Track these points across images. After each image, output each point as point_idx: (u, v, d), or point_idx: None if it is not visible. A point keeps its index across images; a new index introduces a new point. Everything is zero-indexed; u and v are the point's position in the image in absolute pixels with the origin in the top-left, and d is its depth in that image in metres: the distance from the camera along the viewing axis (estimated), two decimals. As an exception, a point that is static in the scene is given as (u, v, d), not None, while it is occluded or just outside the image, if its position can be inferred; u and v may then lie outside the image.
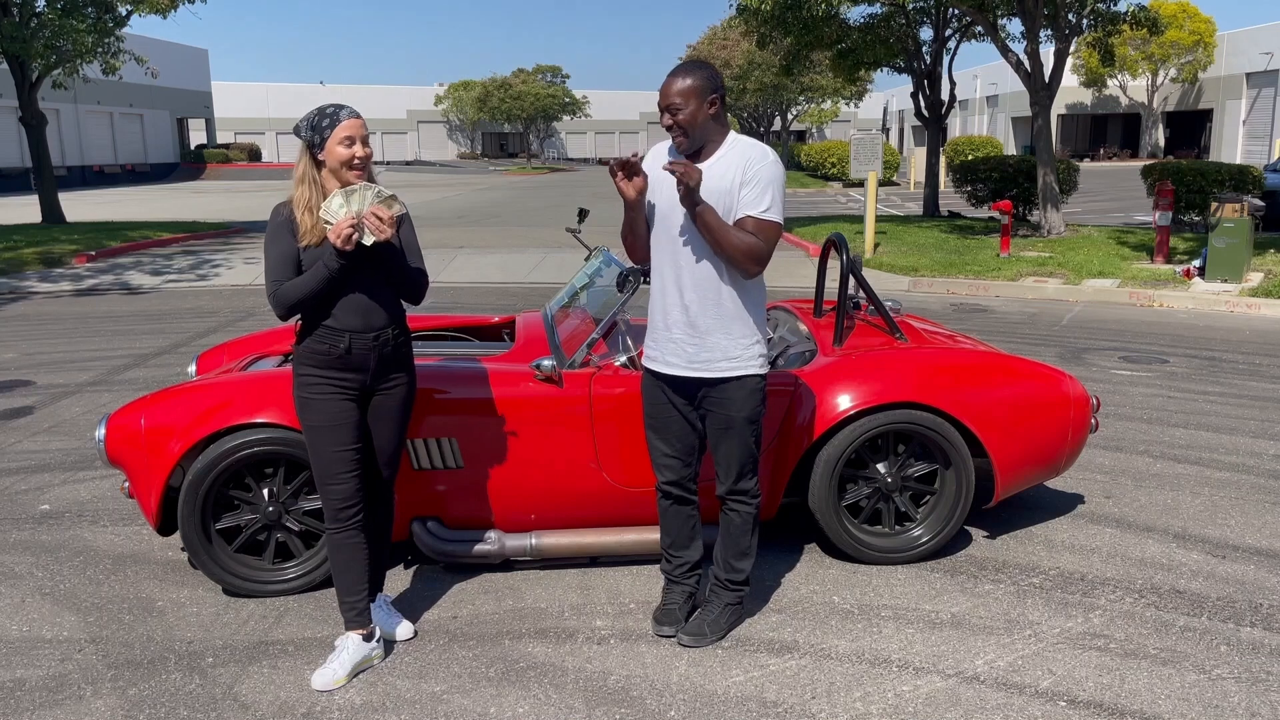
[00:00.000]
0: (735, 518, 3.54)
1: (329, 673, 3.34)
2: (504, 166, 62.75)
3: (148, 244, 17.25)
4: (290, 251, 3.27)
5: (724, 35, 52.06)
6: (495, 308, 10.67)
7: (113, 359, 8.38)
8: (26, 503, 5.04)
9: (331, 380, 3.33)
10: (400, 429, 3.52)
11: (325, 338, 3.31)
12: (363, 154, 3.26)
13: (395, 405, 3.47)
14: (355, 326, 3.31)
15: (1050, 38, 15.68)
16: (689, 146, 3.30)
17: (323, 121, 3.24)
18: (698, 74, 3.24)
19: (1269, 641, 3.58)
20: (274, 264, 3.28)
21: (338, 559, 3.41)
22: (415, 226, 3.56)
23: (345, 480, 3.36)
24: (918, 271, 12.61)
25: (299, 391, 3.37)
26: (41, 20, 17.97)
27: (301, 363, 3.36)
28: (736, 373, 3.37)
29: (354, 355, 3.32)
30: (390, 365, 3.43)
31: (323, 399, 3.33)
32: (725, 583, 3.62)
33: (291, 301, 3.25)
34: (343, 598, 3.43)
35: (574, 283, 4.83)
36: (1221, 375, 7.65)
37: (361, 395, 3.41)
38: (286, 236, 3.28)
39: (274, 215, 3.34)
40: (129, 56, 19.64)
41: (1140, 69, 48.99)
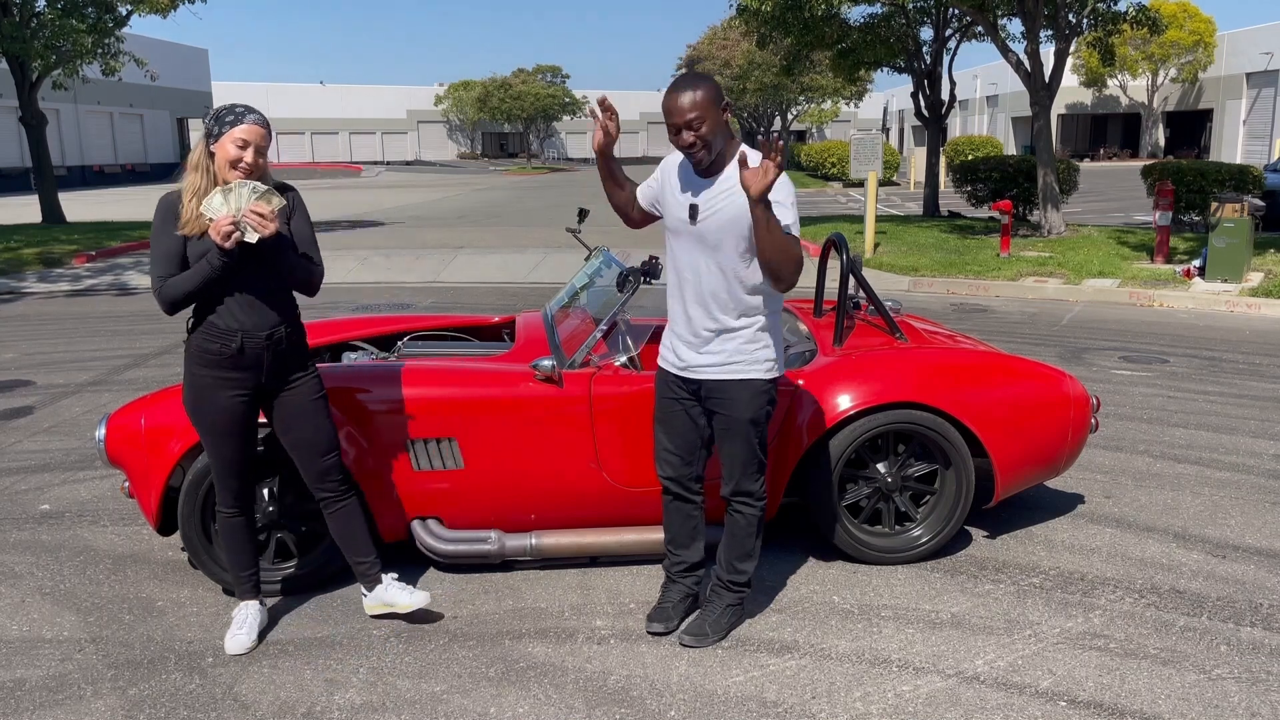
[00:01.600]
0: (740, 519, 3.54)
1: (242, 639, 3.53)
2: (504, 166, 62.77)
3: (148, 244, 17.22)
4: (175, 244, 3.26)
5: (724, 35, 52.08)
6: (495, 308, 10.67)
7: (113, 359, 8.38)
8: (26, 503, 5.04)
9: (224, 380, 3.34)
10: (323, 420, 3.52)
11: (216, 336, 3.30)
12: (250, 161, 3.24)
13: (303, 398, 3.48)
14: (246, 325, 3.31)
15: (1050, 38, 15.68)
16: (710, 158, 3.25)
17: (227, 116, 3.26)
18: (707, 85, 3.21)
19: (1269, 641, 3.59)
20: (159, 257, 3.27)
21: (230, 540, 3.57)
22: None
23: (239, 478, 3.49)
24: (918, 271, 12.60)
25: (188, 391, 3.38)
26: (41, 20, 17.98)
27: (191, 360, 3.36)
28: (740, 375, 3.38)
29: (246, 355, 3.33)
30: (288, 362, 3.43)
31: (213, 400, 3.35)
32: (728, 584, 3.63)
33: (175, 298, 3.25)
34: (236, 573, 3.62)
35: (574, 283, 4.83)
36: (1221, 375, 7.65)
37: (258, 395, 3.43)
38: (173, 227, 3.26)
39: (160, 204, 3.31)
40: (129, 57, 19.65)
41: (1140, 69, 48.98)
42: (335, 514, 3.62)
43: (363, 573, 3.70)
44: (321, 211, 25.43)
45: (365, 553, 3.68)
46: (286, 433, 3.50)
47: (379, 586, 3.70)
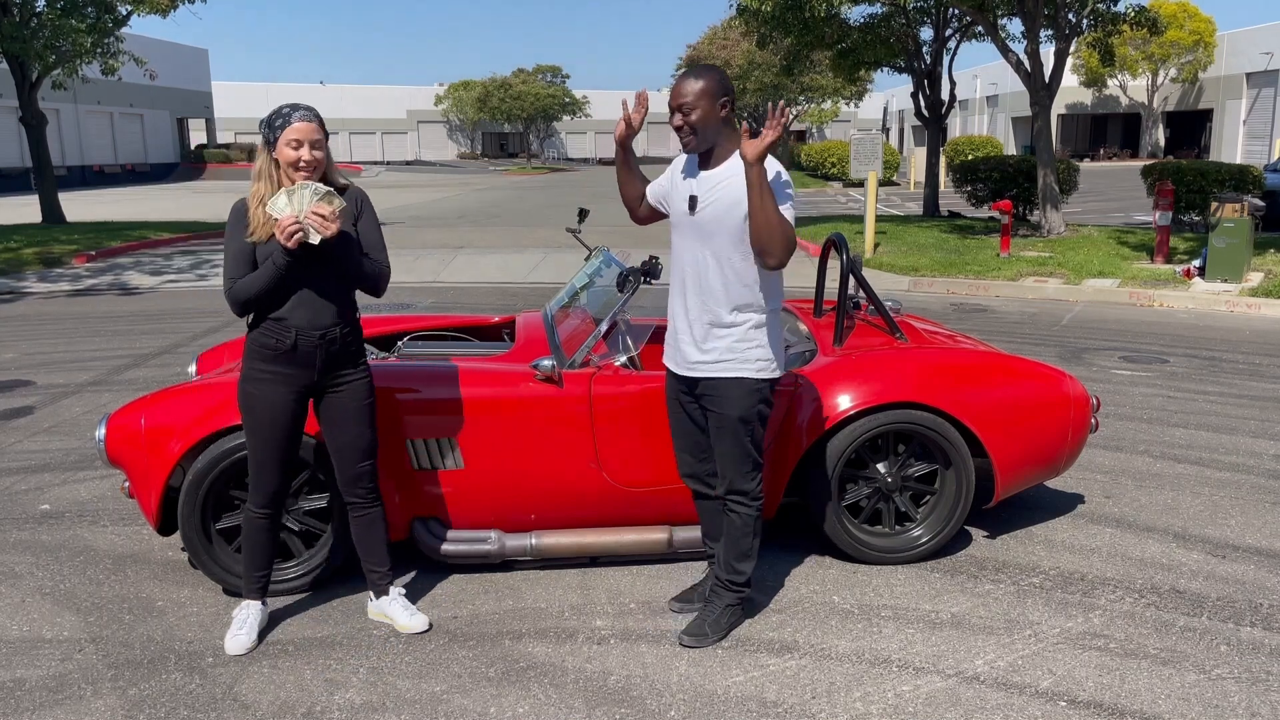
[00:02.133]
0: (735, 519, 3.55)
1: (243, 639, 3.53)
2: (504, 166, 62.76)
3: (147, 244, 17.25)
4: (245, 248, 3.35)
5: (724, 35, 52.08)
6: (495, 308, 10.67)
7: (113, 359, 8.38)
8: (26, 503, 5.04)
9: (276, 375, 3.40)
10: (365, 425, 3.55)
11: (272, 331, 3.38)
12: (309, 158, 3.30)
13: (351, 403, 3.51)
14: (301, 322, 3.37)
15: (1050, 38, 15.68)
16: (698, 147, 3.34)
17: (276, 120, 3.31)
18: (710, 76, 3.30)
19: (1269, 641, 3.58)
20: (230, 260, 3.37)
21: (253, 539, 3.56)
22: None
23: (276, 476, 3.49)
24: (918, 271, 12.60)
25: (242, 384, 3.44)
26: (41, 20, 17.98)
27: (248, 356, 3.44)
28: (732, 373, 3.40)
29: (299, 351, 3.38)
30: (339, 363, 3.47)
31: (264, 394, 3.40)
32: (726, 583, 3.64)
33: (244, 298, 3.34)
34: (249, 571, 3.61)
35: (574, 283, 4.83)
36: (1221, 375, 7.65)
37: (307, 393, 3.47)
38: (242, 232, 3.36)
39: (232, 211, 3.41)
40: (128, 57, 19.65)
41: (1140, 69, 48.98)
42: (359, 519, 3.65)
43: (374, 581, 3.74)
44: (321, 211, 25.39)
45: (380, 562, 3.72)
46: (330, 433, 3.54)
47: (385, 598, 3.74)
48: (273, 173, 3.35)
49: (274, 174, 3.35)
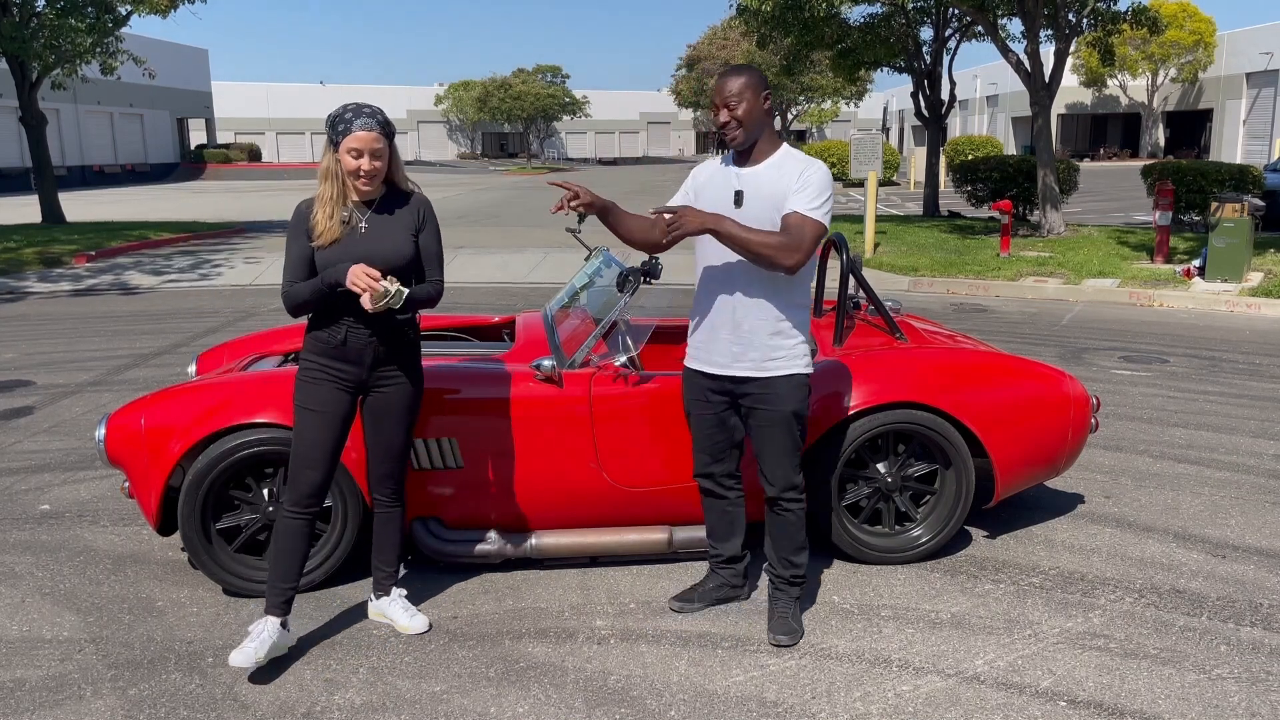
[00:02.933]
0: (790, 516, 3.58)
1: (249, 652, 3.33)
2: (504, 166, 62.76)
3: (147, 244, 17.25)
4: (304, 252, 3.35)
5: (724, 35, 52.08)
6: (495, 308, 10.67)
7: (113, 359, 8.38)
8: (26, 503, 5.04)
9: (328, 369, 3.40)
10: (403, 428, 3.55)
11: (326, 326, 3.39)
12: (368, 168, 3.28)
13: (393, 403, 3.51)
14: (354, 319, 3.37)
15: (1050, 38, 15.68)
16: (744, 140, 3.39)
17: (339, 125, 3.27)
18: (751, 72, 3.40)
19: (1269, 641, 3.59)
20: (290, 262, 3.37)
21: (283, 543, 3.43)
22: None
23: (317, 470, 3.41)
24: (918, 271, 12.60)
25: (299, 376, 3.44)
26: (41, 20, 17.98)
27: (306, 350, 3.44)
28: (783, 371, 3.44)
29: (349, 347, 3.39)
30: (388, 361, 3.47)
31: (317, 384, 3.40)
32: (790, 579, 3.67)
33: (295, 304, 3.35)
34: (274, 582, 3.43)
35: (574, 283, 4.83)
36: (1221, 375, 7.65)
37: (358, 389, 3.47)
38: (302, 236, 3.35)
39: (295, 213, 3.41)
40: (127, 56, 19.65)
41: (1140, 69, 49.00)
42: (381, 515, 3.68)
43: (379, 579, 3.74)
44: (321, 211, 25.38)
45: (389, 562, 3.73)
46: (369, 429, 3.54)
47: (386, 599, 3.73)
48: (338, 171, 3.32)
49: (339, 173, 3.32)
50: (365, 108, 3.30)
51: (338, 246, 3.31)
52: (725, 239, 3.27)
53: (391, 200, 3.43)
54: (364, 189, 3.34)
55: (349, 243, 3.32)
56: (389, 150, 3.34)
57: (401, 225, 3.41)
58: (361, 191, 3.36)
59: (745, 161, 3.45)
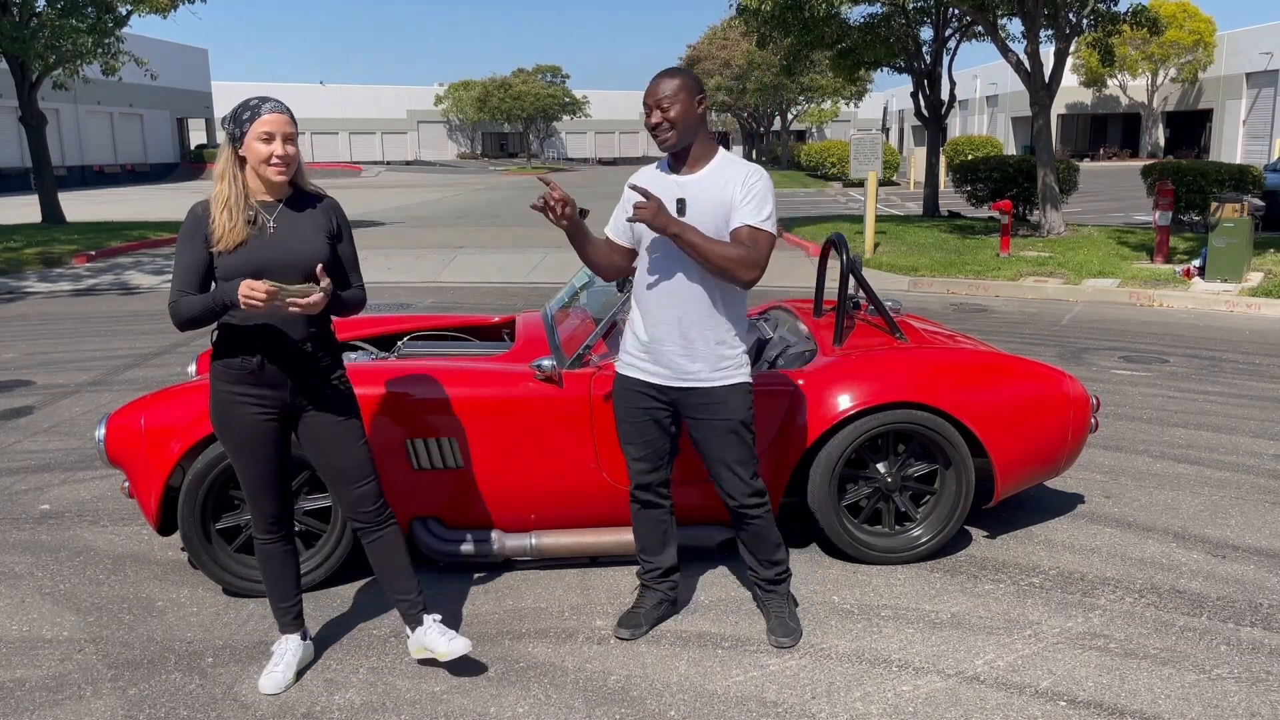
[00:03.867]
0: (758, 522, 3.50)
1: (278, 677, 3.29)
2: (504, 166, 62.77)
3: (147, 244, 17.25)
4: (198, 259, 3.03)
5: (724, 35, 52.10)
6: (495, 308, 10.67)
7: (113, 359, 8.38)
8: (26, 503, 5.04)
9: (248, 398, 3.12)
10: (352, 440, 3.24)
11: (238, 352, 3.10)
12: (282, 153, 3.01)
13: (332, 422, 3.21)
14: (268, 342, 3.08)
15: (1050, 38, 15.68)
16: (677, 144, 3.31)
17: (243, 114, 3.00)
18: (685, 75, 3.34)
19: (1269, 641, 3.59)
20: (181, 270, 3.04)
21: (269, 569, 3.33)
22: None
23: (272, 498, 3.24)
24: (918, 271, 12.60)
25: (214, 408, 3.16)
26: (41, 20, 17.98)
27: (214, 376, 3.15)
28: (730, 380, 3.36)
29: (268, 372, 3.11)
30: (315, 380, 3.18)
31: (239, 418, 3.13)
32: (776, 578, 3.63)
33: (184, 319, 3.03)
34: (276, 604, 3.36)
35: (574, 283, 4.83)
36: (1221, 375, 7.65)
37: (284, 412, 3.18)
38: (199, 241, 3.03)
39: (188, 215, 3.07)
40: (128, 57, 19.65)
41: (1140, 69, 49.00)
42: (371, 545, 3.33)
43: (404, 611, 3.38)
44: (321, 211, 25.40)
45: (406, 589, 3.36)
46: (315, 455, 3.25)
47: (420, 629, 3.37)
48: (237, 173, 3.03)
49: (239, 174, 3.03)
50: (270, 97, 3.05)
51: (244, 250, 3.00)
52: (686, 247, 3.19)
53: (299, 201, 3.16)
54: (277, 178, 3.03)
55: (258, 245, 3.03)
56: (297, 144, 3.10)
57: (314, 225, 3.14)
58: (273, 185, 3.07)
59: (683, 168, 3.35)
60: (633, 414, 3.50)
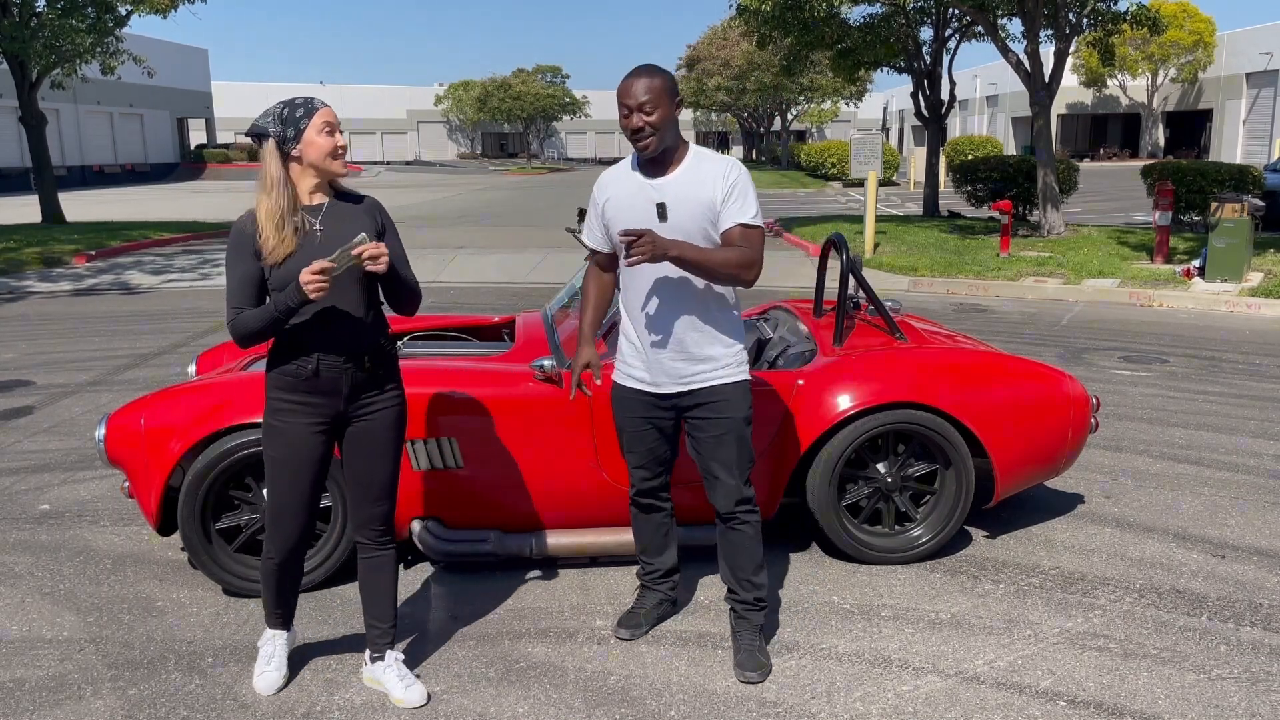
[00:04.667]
0: (746, 530, 3.39)
1: (270, 679, 3.27)
2: (504, 166, 62.77)
3: (148, 244, 17.25)
4: (252, 273, 2.96)
5: (724, 35, 52.10)
6: (495, 308, 10.67)
7: (113, 359, 8.38)
8: (26, 503, 5.04)
9: (301, 406, 3.04)
10: (389, 459, 3.17)
11: (292, 358, 3.02)
12: (343, 143, 3.01)
13: (378, 431, 3.14)
14: (324, 346, 3.00)
15: (1050, 37, 15.68)
16: (658, 148, 3.17)
17: (295, 112, 2.93)
18: (663, 75, 3.17)
19: (1269, 641, 3.59)
20: (235, 287, 2.97)
21: (269, 583, 3.25)
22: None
23: (297, 519, 3.13)
24: (918, 271, 12.60)
25: (267, 418, 3.09)
26: (41, 20, 17.98)
27: (270, 385, 3.08)
28: (731, 378, 3.31)
29: (322, 378, 3.02)
30: (367, 388, 3.11)
31: (288, 427, 3.04)
32: (752, 603, 3.44)
33: (246, 333, 2.94)
34: (271, 606, 3.30)
35: (574, 283, 4.83)
36: (1221, 375, 7.65)
37: (335, 423, 3.11)
38: (249, 256, 2.96)
39: (235, 230, 2.99)
40: (128, 56, 19.66)
41: (1140, 69, 48.99)
42: (367, 562, 3.25)
43: (373, 638, 3.29)
44: (321, 211, 25.40)
45: (384, 617, 3.28)
46: (351, 463, 3.16)
47: (380, 664, 3.28)
48: (287, 179, 2.94)
49: (289, 180, 2.95)
50: (310, 96, 3.02)
51: (294, 259, 2.92)
52: (689, 265, 3.11)
53: (341, 202, 3.09)
54: (344, 169, 3.02)
55: (307, 251, 2.94)
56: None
57: (361, 226, 3.04)
58: (320, 181, 3.01)
59: (658, 170, 3.22)
60: (633, 423, 3.45)
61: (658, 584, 3.73)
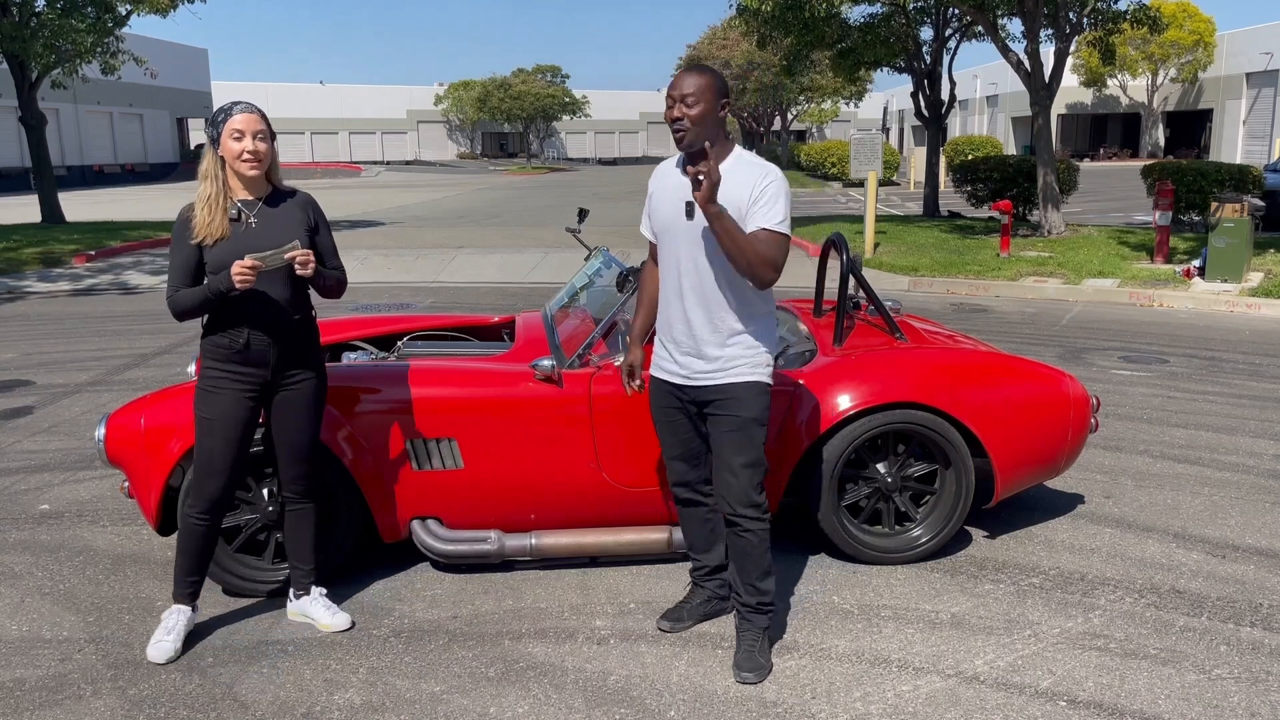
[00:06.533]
0: (751, 537, 3.37)
1: (167, 646, 3.48)
2: (504, 166, 62.76)
3: (147, 244, 17.24)
4: (190, 257, 3.34)
5: (724, 35, 52.09)
6: (495, 308, 10.67)
7: (113, 359, 8.38)
8: (26, 503, 5.04)
9: (232, 375, 3.42)
10: (309, 424, 3.58)
11: (225, 331, 3.39)
12: (253, 148, 3.30)
13: (301, 400, 3.54)
14: (254, 322, 3.38)
15: (1050, 37, 15.68)
16: (692, 142, 3.25)
17: (218, 116, 3.32)
18: (713, 74, 3.28)
19: (1269, 641, 3.59)
20: (174, 268, 3.36)
21: (187, 542, 3.52)
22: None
23: (219, 479, 3.46)
24: (918, 271, 12.60)
25: (201, 383, 3.44)
26: (41, 20, 17.97)
27: (205, 356, 3.45)
28: (744, 378, 3.31)
29: (252, 351, 3.40)
30: (293, 360, 3.50)
31: (220, 393, 3.41)
32: (757, 607, 3.44)
33: (181, 310, 3.34)
34: (182, 575, 3.56)
35: (574, 283, 4.83)
36: (1221, 375, 7.65)
37: (264, 391, 3.49)
38: (187, 239, 3.34)
39: (179, 218, 3.39)
40: (128, 56, 19.65)
41: (1140, 69, 48.98)
42: (292, 514, 3.69)
43: (297, 578, 3.76)
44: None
45: (305, 560, 3.74)
46: (276, 429, 3.57)
47: (306, 598, 3.75)
48: (218, 172, 3.34)
49: (219, 174, 3.34)
50: (241, 100, 3.42)
51: (228, 244, 3.31)
52: (720, 232, 3.12)
53: (278, 197, 3.48)
54: (250, 173, 3.33)
55: (240, 239, 3.33)
56: (271, 144, 3.39)
57: (293, 220, 3.45)
58: (248, 179, 3.37)
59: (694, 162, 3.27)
60: (664, 413, 3.54)
61: (705, 580, 3.76)
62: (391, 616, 3.81)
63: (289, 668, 3.45)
